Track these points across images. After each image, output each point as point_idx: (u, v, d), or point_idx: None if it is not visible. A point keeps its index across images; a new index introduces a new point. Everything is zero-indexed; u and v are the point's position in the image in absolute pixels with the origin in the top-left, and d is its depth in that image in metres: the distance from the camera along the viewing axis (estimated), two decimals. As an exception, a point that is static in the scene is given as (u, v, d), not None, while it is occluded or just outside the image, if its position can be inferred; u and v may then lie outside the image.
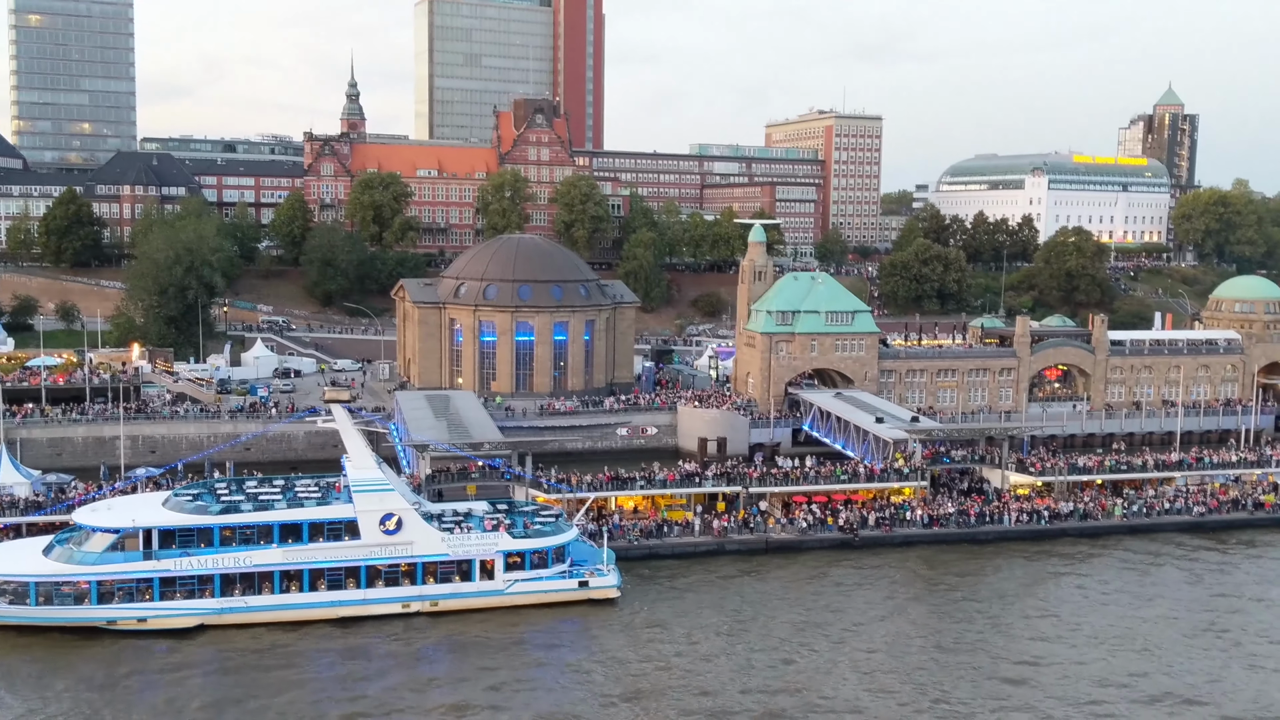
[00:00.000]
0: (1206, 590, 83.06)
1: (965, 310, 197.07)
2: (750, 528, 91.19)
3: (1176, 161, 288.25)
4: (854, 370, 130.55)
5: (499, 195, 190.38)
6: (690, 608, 77.35)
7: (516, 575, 76.66)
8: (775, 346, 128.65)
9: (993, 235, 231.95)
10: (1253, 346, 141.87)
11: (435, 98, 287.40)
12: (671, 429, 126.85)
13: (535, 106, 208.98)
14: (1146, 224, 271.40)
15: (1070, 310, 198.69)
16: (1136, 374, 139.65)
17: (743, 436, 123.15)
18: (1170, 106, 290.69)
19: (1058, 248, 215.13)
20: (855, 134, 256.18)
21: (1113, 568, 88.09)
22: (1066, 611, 78.24)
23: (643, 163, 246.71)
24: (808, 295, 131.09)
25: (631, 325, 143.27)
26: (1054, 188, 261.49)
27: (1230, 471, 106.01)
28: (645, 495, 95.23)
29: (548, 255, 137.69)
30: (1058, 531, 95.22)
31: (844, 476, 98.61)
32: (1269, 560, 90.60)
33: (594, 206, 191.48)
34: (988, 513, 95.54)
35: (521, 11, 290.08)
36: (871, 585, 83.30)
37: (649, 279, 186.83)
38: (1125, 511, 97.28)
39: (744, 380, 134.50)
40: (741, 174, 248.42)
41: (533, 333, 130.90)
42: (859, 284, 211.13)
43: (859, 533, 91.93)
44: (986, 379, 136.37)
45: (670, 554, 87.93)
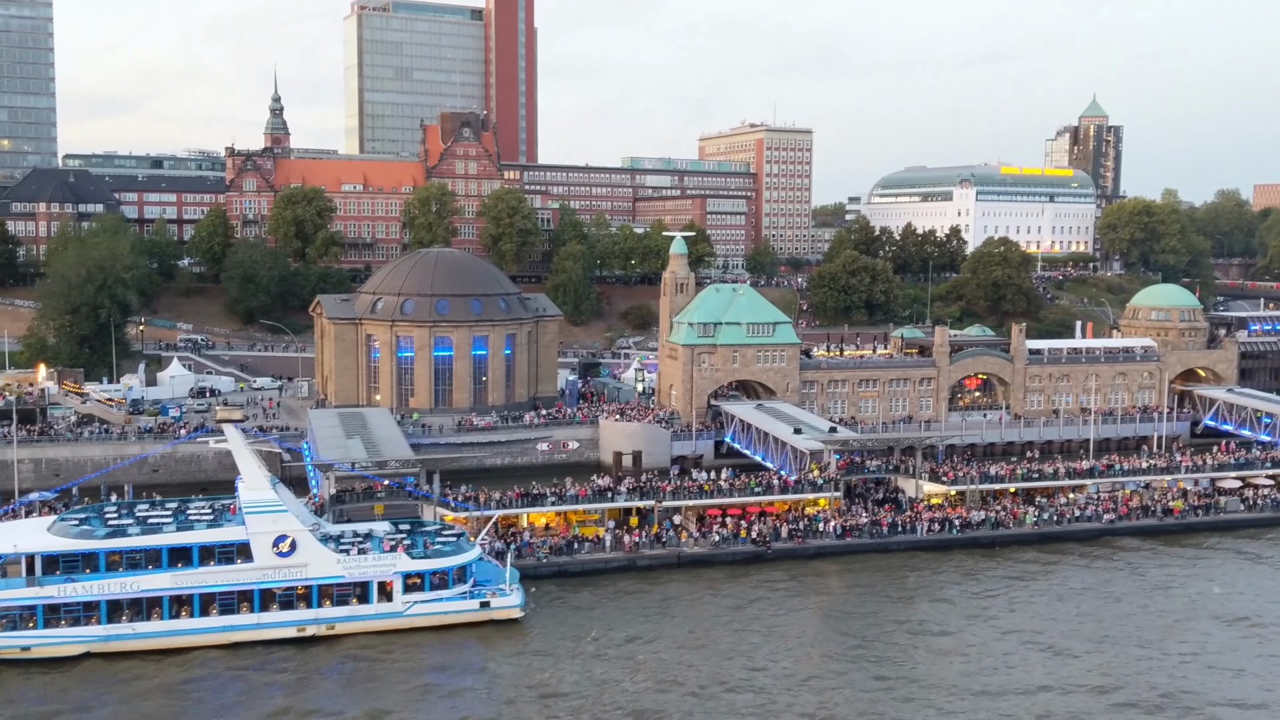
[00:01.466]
0: (1101, 597, 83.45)
1: (893, 321, 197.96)
2: (663, 542, 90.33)
3: (1102, 172, 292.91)
4: (776, 381, 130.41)
5: (425, 209, 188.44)
6: (595, 625, 76.17)
7: (416, 597, 75.12)
8: (697, 358, 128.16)
9: (921, 246, 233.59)
10: (1168, 354, 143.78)
11: (366, 112, 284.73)
12: (593, 443, 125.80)
13: (463, 120, 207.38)
14: (1073, 234, 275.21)
15: (998, 320, 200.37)
16: (1055, 382, 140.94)
17: (664, 449, 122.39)
18: (1095, 118, 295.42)
19: (984, 258, 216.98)
20: (786, 147, 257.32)
21: (1019, 576, 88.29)
22: (966, 622, 78.16)
23: (574, 176, 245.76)
24: (729, 307, 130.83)
25: (555, 338, 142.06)
26: (982, 199, 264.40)
27: (1140, 479, 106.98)
28: (557, 511, 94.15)
29: (467, 269, 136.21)
30: (969, 540, 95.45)
31: (758, 489, 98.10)
32: (1172, 566, 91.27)
33: (522, 220, 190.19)
34: (900, 523, 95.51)
35: (453, 25, 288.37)
36: (780, 598, 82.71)
37: (578, 292, 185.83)
38: (1036, 519, 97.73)
39: (667, 393, 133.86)
40: (674, 187, 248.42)
41: (451, 347, 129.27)
42: (789, 295, 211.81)
43: (772, 545, 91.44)
44: (907, 389, 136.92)
45: (580, 571, 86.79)
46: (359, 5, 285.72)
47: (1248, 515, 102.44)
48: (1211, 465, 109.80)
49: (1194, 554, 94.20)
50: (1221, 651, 72.75)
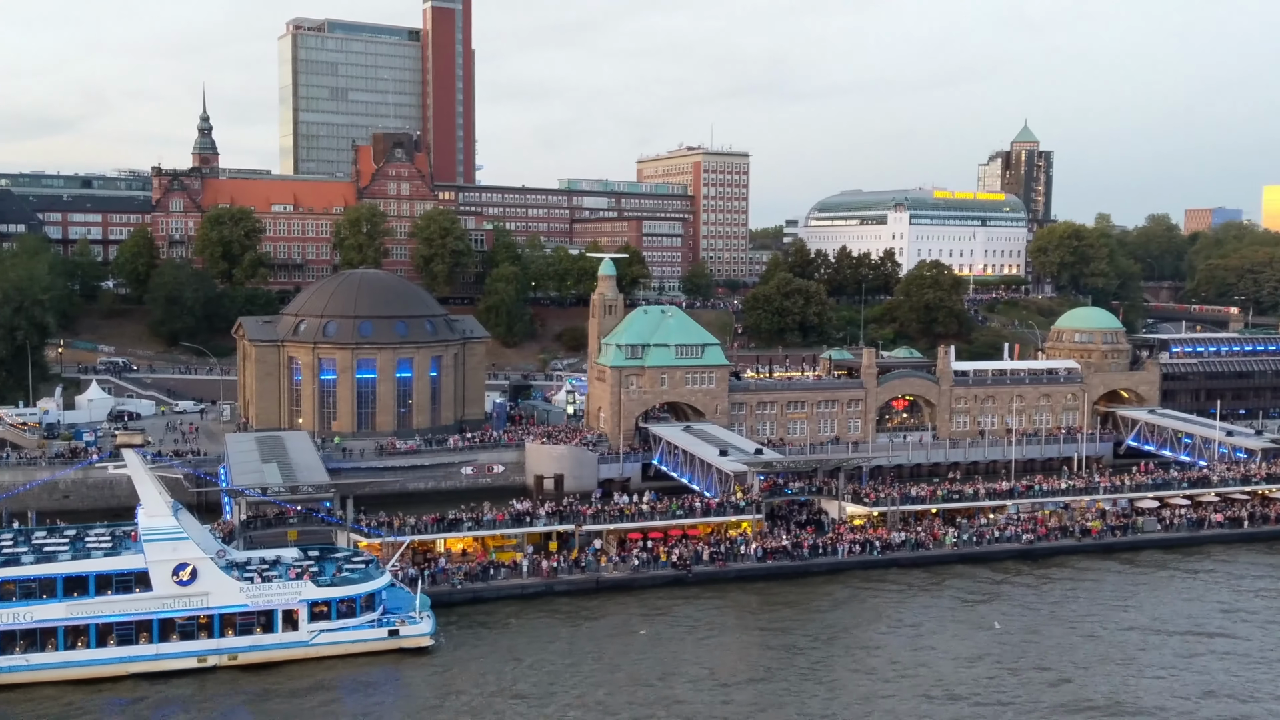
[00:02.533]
0: (1012, 618, 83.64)
1: (827, 343, 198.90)
2: (581, 567, 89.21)
3: (1033, 196, 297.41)
4: (705, 403, 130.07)
5: (355, 230, 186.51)
6: (508, 653, 74.88)
7: (322, 625, 73.37)
8: (625, 380, 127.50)
9: (856, 269, 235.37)
10: (1091, 375, 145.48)
11: (300, 132, 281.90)
12: (519, 466, 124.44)
13: (395, 140, 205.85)
14: (1005, 257, 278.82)
15: (930, 342, 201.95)
16: (980, 404, 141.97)
17: (591, 473, 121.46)
18: (1026, 144, 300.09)
19: (916, 281, 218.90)
20: (723, 170, 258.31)
21: (938, 597, 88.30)
22: (883, 643, 77.92)
23: (510, 197, 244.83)
24: (657, 329, 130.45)
25: (482, 361, 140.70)
26: (915, 223, 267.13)
27: (1059, 499, 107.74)
28: (475, 537, 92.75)
29: (392, 290, 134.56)
30: (889, 561, 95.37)
31: (679, 512, 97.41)
32: (1086, 585, 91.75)
33: (454, 241, 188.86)
34: (821, 544, 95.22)
35: (389, 46, 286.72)
36: (698, 622, 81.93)
37: (511, 313, 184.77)
38: (956, 540, 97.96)
39: (596, 415, 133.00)
40: (611, 208, 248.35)
41: (375, 370, 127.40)
42: (724, 317, 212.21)
43: (692, 569, 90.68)
44: (836, 410, 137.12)
45: (496, 597, 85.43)
46: (294, 25, 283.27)
47: (1164, 535, 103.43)
48: (1129, 486, 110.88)
49: (1107, 575, 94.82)
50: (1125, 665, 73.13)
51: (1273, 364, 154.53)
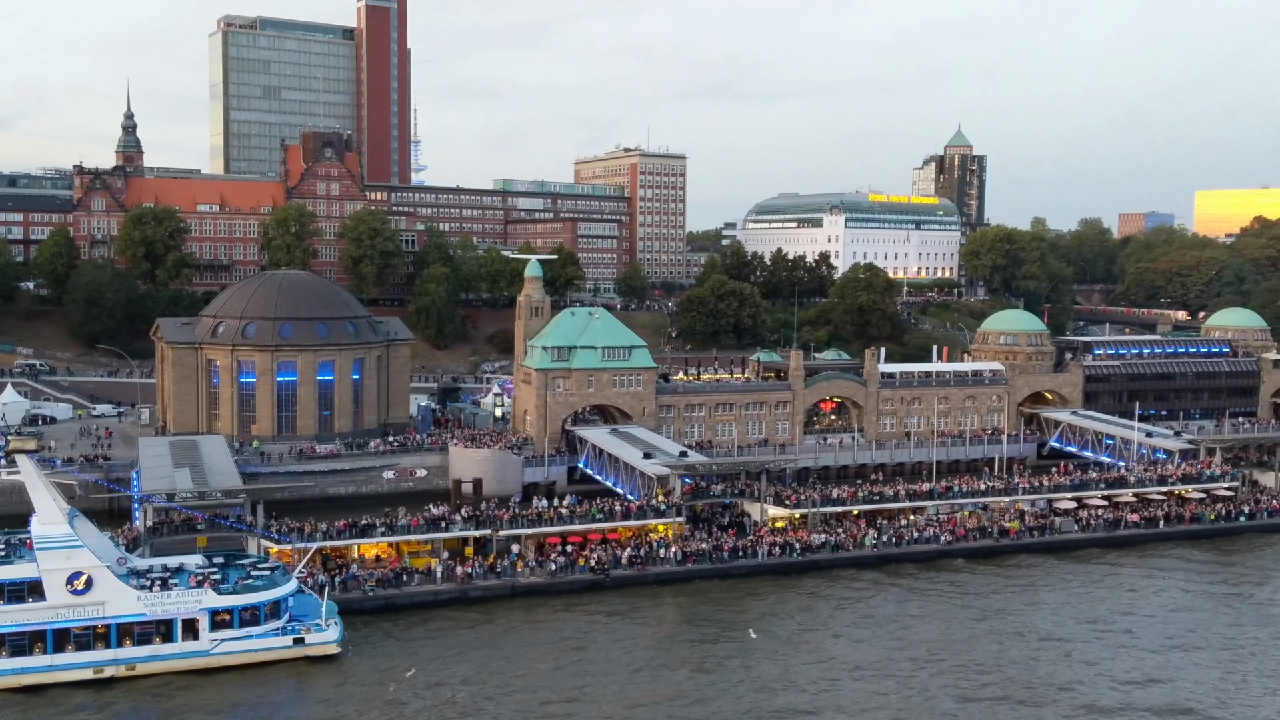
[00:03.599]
0: (923, 619, 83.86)
1: (762, 345, 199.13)
2: (497, 573, 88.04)
3: (967, 200, 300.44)
4: (632, 406, 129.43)
5: (283, 230, 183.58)
6: (416, 662, 73.57)
7: (223, 634, 71.62)
8: (551, 383, 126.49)
9: (792, 271, 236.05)
10: (1016, 377, 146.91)
11: (231, 131, 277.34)
12: (442, 470, 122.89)
13: (325, 140, 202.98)
14: (939, 260, 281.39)
15: (864, 344, 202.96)
16: (907, 405, 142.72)
17: (515, 476, 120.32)
18: (960, 148, 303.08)
19: (850, 284, 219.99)
20: (659, 172, 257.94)
21: (852, 598, 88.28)
22: (793, 646, 77.69)
23: (444, 198, 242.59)
24: (584, 331, 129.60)
25: (407, 363, 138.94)
26: (851, 225, 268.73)
27: (979, 500, 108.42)
28: (390, 542, 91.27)
29: (313, 291, 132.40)
30: (809, 564, 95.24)
31: (599, 515, 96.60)
32: (998, 585, 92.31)
33: (384, 241, 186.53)
34: (741, 547, 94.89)
35: (323, 44, 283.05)
36: (614, 627, 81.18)
37: (441, 315, 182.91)
38: (875, 542, 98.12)
39: (522, 418, 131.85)
40: (546, 210, 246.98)
41: (296, 373, 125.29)
42: (659, 319, 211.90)
43: (610, 573, 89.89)
44: (764, 412, 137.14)
45: (409, 604, 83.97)
46: (225, 22, 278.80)
47: (1081, 536, 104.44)
48: (1048, 487, 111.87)
49: (1022, 574, 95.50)
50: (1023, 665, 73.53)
51: (1194, 366, 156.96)
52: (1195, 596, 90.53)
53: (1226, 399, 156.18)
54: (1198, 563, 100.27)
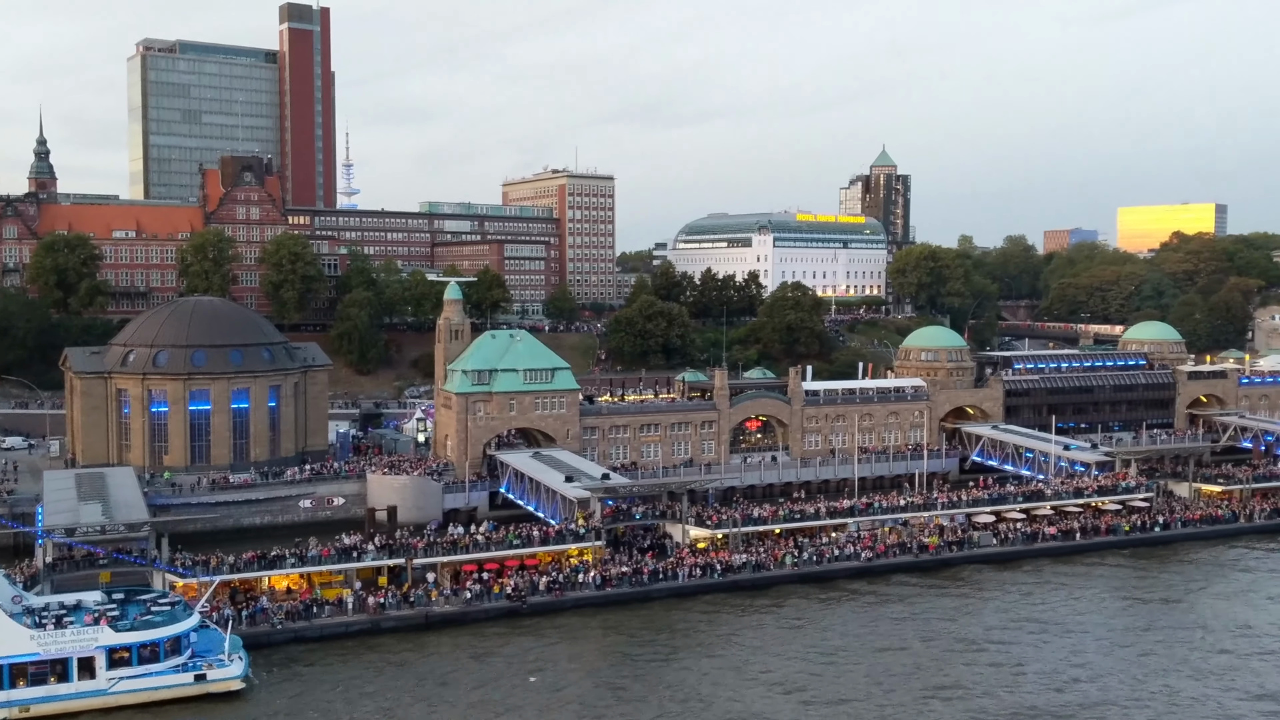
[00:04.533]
0: (841, 635, 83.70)
1: (691, 364, 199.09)
2: (410, 602, 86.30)
3: (893, 219, 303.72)
4: (555, 429, 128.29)
5: (200, 256, 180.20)
6: (323, 697, 71.70)
7: (122, 672, 69.26)
8: (472, 407, 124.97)
9: (721, 291, 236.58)
10: (937, 393, 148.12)
11: (151, 156, 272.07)
12: (361, 498, 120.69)
13: (244, 164, 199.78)
14: (866, 278, 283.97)
15: (793, 362, 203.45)
16: (831, 423, 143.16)
17: (435, 503, 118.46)
18: (885, 168, 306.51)
19: (779, 302, 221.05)
20: (588, 193, 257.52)
21: (770, 617, 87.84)
22: (712, 666, 77.01)
23: (369, 221, 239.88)
24: (505, 353, 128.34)
25: (325, 389, 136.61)
26: (779, 245, 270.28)
27: (899, 516, 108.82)
28: (301, 573, 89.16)
29: (226, 318, 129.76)
30: (730, 584, 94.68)
31: (516, 541, 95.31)
32: (913, 601, 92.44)
33: (305, 266, 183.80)
34: (661, 569, 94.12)
35: (244, 68, 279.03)
36: (528, 655, 79.81)
37: (364, 339, 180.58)
38: (796, 560, 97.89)
39: (443, 443, 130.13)
40: (474, 232, 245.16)
41: (209, 401, 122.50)
42: (588, 341, 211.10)
43: (527, 600, 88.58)
44: (689, 432, 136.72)
45: (319, 636, 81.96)
46: (144, 46, 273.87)
47: (999, 549, 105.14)
48: (967, 501, 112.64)
49: (940, 589, 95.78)
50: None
51: (1111, 379, 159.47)
52: (1110, 607, 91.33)
53: (1144, 411, 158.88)
54: (1113, 574, 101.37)
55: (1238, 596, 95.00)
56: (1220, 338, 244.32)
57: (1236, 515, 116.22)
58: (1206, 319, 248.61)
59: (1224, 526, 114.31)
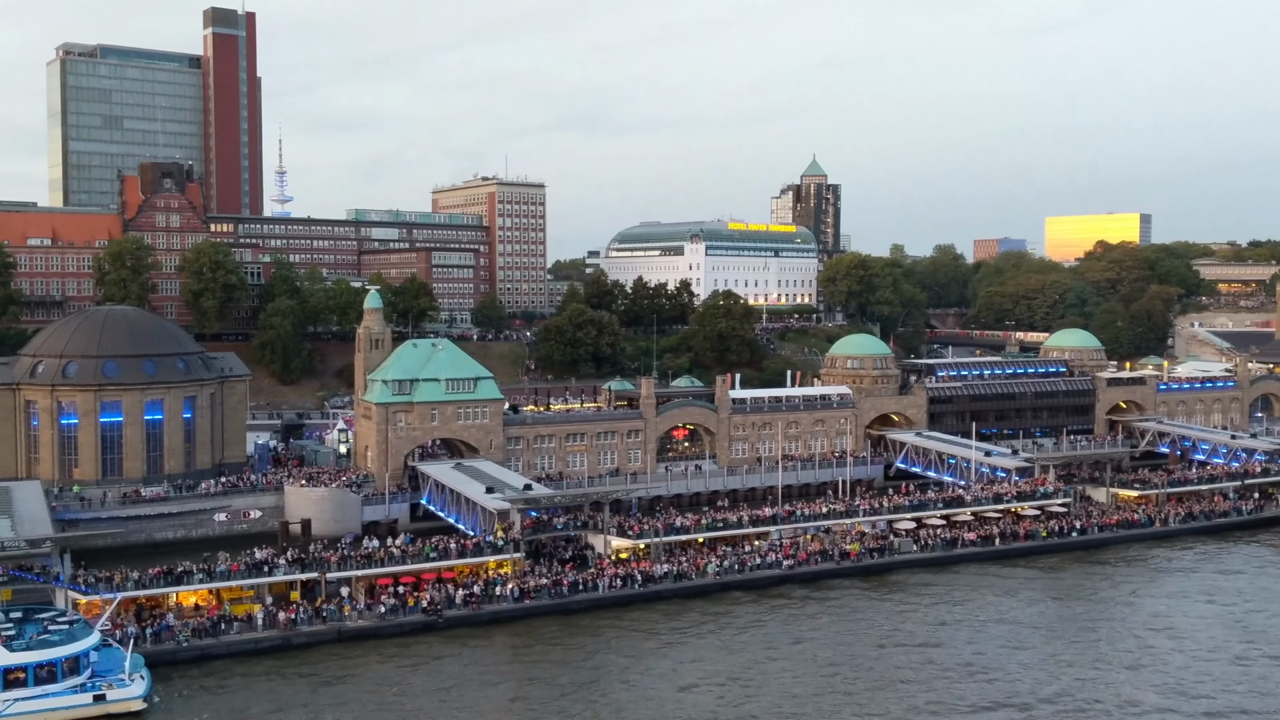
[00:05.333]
0: (759, 644, 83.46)
1: (621, 373, 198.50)
2: (323, 617, 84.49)
3: (823, 228, 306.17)
4: (479, 439, 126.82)
5: (118, 264, 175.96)
6: (228, 716, 69.80)
7: (17, 693, 66.98)
8: (392, 417, 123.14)
9: (653, 299, 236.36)
10: (863, 400, 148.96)
11: (70, 162, 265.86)
12: (279, 511, 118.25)
13: (164, 170, 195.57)
14: (797, 286, 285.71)
15: (724, 370, 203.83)
16: (758, 431, 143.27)
17: (354, 515, 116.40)
18: (815, 177, 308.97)
19: (710, 311, 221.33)
20: (518, 201, 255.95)
21: (688, 627, 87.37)
22: (627, 679, 76.30)
23: (295, 229, 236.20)
24: (427, 363, 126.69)
25: (243, 400, 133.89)
26: (711, 254, 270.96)
27: (821, 523, 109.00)
28: (210, 589, 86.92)
29: (140, 327, 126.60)
30: (651, 594, 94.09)
31: (432, 554, 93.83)
32: (833, 607, 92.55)
33: (226, 274, 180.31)
34: (581, 581, 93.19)
35: (167, 73, 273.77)
36: (445, 668, 78.53)
37: (288, 349, 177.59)
38: (718, 569, 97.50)
39: (364, 454, 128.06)
40: (402, 239, 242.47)
41: (121, 413, 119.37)
42: (517, 349, 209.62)
43: (443, 614, 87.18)
44: (616, 441, 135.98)
45: (227, 653, 79.92)
46: (64, 50, 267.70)
47: (920, 555, 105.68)
48: (888, 508, 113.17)
49: (858, 595, 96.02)
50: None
51: (1032, 386, 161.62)
52: (1024, 611, 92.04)
53: (1064, 417, 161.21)
54: (1030, 578, 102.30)
55: (1152, 599, 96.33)
56: (1142, 345, 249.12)
57: (1152, 520, 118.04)
58: (1128, 326, 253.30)
59: (1140, 531, 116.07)
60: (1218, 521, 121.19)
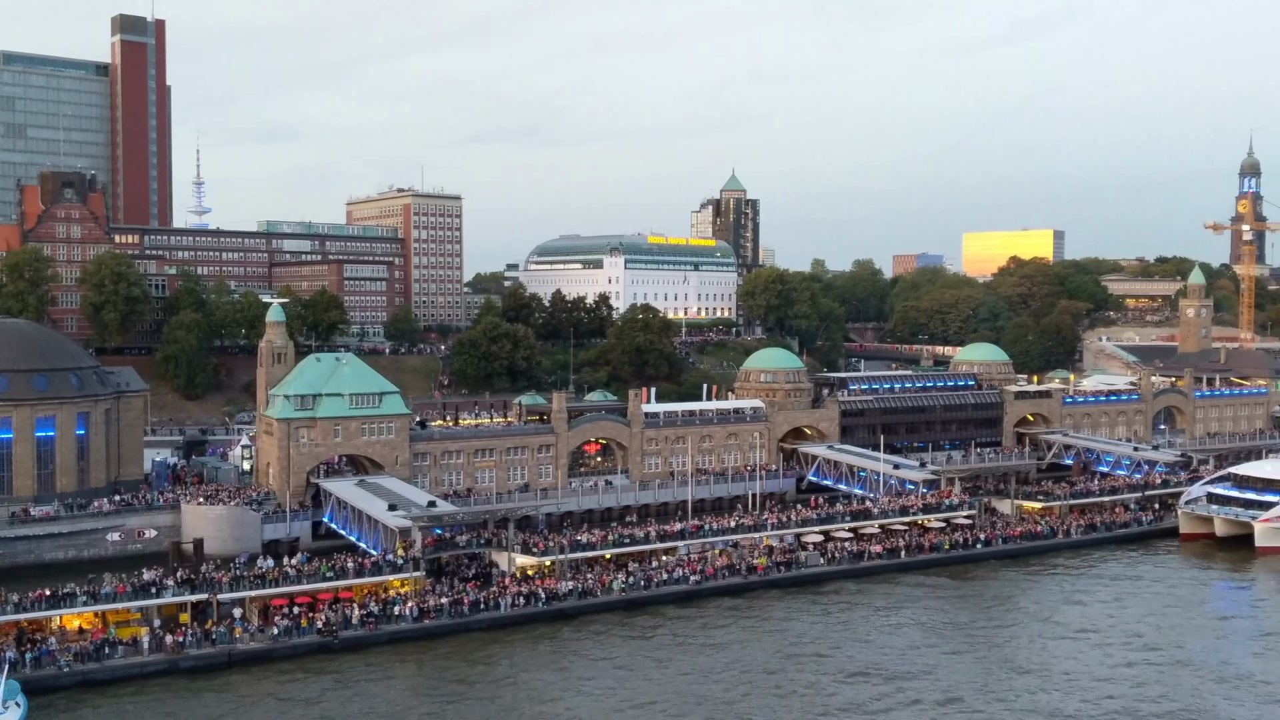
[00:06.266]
0: (653, 662, 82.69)
1: (537, 387, 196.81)
2: (212, 640, 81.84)
3: (742, 242, 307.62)
4: (384, 455, 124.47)
5: (15, 277, 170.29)
6: (105, 743, 67.17)
7: (-126, 728, 63.59)
8: (295, 433, 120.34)
9: (571, 313, 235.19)
10: (775, 414, 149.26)
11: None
12: (175, 530, 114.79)
13: (65, 180, 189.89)
14: (717, 300, 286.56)
15: (643, 384, 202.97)
16: (671, 445, 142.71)
17: (254, 534, 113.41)
18: (734, 192, 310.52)
19: (629, 324, 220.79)
20: (434, 213, 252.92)
21: (593, 646, 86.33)
22: (533, 698, 74.99)
23: (203, 240, 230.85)
24: (331, 377, 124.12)
25: (140, 416, 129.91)
26: (631, 267, 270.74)
27: (729, 537, 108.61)
28: (94, 611, 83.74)
29: (30, 341, 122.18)
30: (555, 613, 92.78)
31: (329, 573, 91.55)
32: (740, 622, 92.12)
33: (129, 287, 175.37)
34: (483, 599, 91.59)
35: (74, 81, 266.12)
36: (338, 692, 76.44)
37: (192, 363, 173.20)
38: (624, 585, 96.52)
39: (265, 471, 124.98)
40: (314, 252, 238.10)
41: (11, 429, 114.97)
42: (431, 363, 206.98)
43: (339, 634, 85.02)
44: (526, 456, 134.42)
45: (111, 679, 77.05)
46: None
47: (827, 569, 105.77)
48: (796, 521, 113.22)
49: (762, 609, 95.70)
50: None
51: (942, 399, 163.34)
52: (925, 621, 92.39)
53: (973, 430, 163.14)
54: (933, 590, 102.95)
55: (1051, 608, 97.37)
56: (1051, 359, 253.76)
57: (1055, 531, 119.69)
58: (1038, 340, 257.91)
59: (1042, 542, 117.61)
60: (1119, 532, 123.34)
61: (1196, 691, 77.30)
